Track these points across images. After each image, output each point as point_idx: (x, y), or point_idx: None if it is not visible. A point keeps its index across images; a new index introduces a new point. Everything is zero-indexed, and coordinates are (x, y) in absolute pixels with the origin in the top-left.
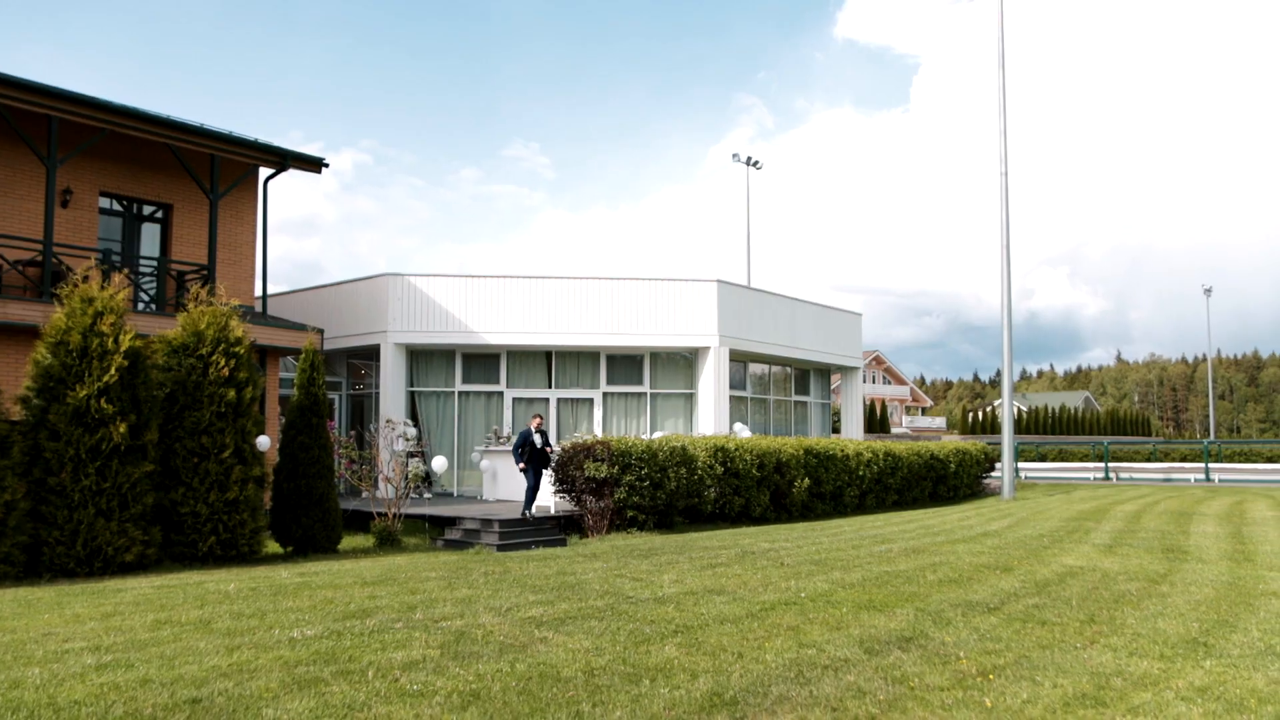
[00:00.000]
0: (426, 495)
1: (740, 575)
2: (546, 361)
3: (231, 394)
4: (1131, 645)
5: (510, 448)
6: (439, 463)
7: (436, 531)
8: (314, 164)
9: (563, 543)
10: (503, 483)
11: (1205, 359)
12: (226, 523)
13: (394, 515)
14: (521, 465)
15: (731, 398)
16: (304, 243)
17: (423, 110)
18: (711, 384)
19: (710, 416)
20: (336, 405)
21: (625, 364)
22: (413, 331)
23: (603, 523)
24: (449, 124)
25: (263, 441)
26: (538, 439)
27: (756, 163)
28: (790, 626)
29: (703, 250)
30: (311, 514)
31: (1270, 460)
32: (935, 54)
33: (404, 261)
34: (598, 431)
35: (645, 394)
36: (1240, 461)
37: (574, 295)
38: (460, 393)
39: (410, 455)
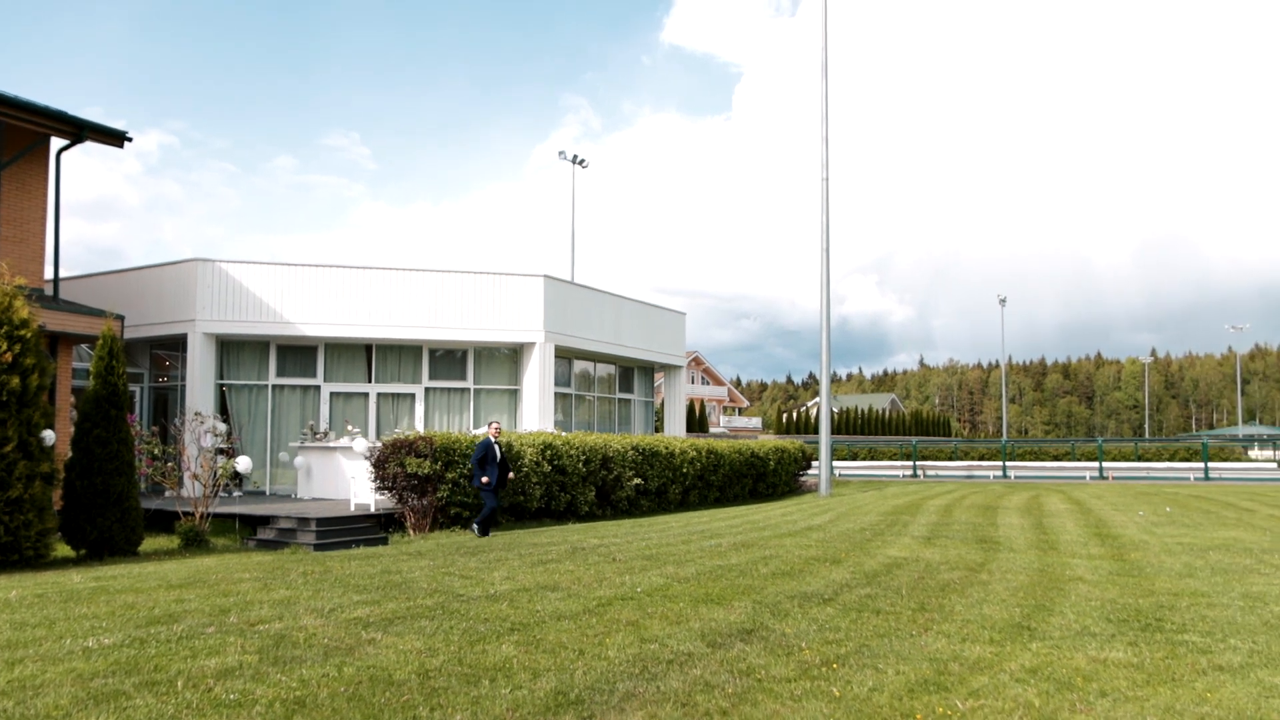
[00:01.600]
0: (237, 494)
1: (573, 571)
2: (366, 355)
3: (15, 382)
4: (963, 631)
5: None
6: (243, 463)
7: (248, 531)
8: (115, 137)
9: (384, 541)
10: (318, 481)
11: (999, 365)
12: (8, 524)
13: (202, 515)
14: (484, 480)
15: (556, 394)
16: (102, 226)
17: (235, 93)
18: (536, 380)
19: (535, 413)
20: (138, 398)
21: (448, 359)
22: (223, 321)
23: (425, 521)
24: (264, 109)
25: (48, 436)
26: (498, 450)
27: (583, 161)
28: (630, 622)
29: (527, 248)
30: (109, 514)
31: (1057, 458)
32: (757, 64)
33: (212, 250)
34: (419, 428)
35: (469, 390)
36: (1031, 460)
37: (396, 287)
38: (274, 386)
39: (219, 451)
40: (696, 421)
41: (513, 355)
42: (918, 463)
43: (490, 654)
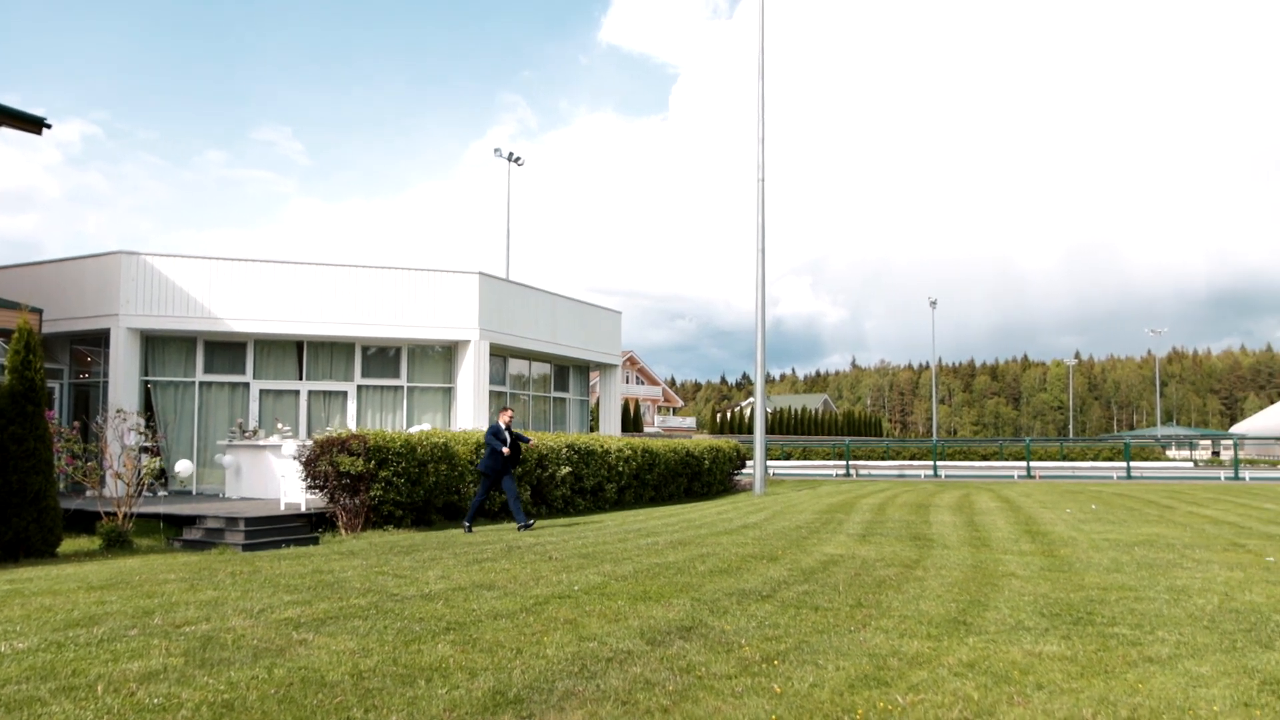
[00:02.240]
0: (162, 493)
1: (509, 570)
2: (298, 352)
3: None
4: (901, 627)
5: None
6: (184, 466)
7: (174, 532)
8: (33, 123)
9: (315, 541)
10: (247, 480)
11: (929, 366)
12: None
13: (125, 515)
14: (506, 450)
15: (491, 393)
16: (19, 218)
17: (163, 84)
18: (471, 378)
19: (470, 411)
20: (57, 395)
21: (382, 357)
22: (149, 316)
23: (357, 520)
24: (192, 101)
25: None
26: (508, 436)
27: (518, 159)
28: (568, 620)
29: (463, 246)
30: (25, 514)
31: (985, 458)
32: (694, 65)
33: (139, 244)
34: (352, 426)
35: (402, 387)
36: (961, 459)
37: (328, 283)
38: (202, 383)
39: (144, 450)
40: (631, 421)
41: (447, 353)
42: (850, 462)
43: (426, 654)
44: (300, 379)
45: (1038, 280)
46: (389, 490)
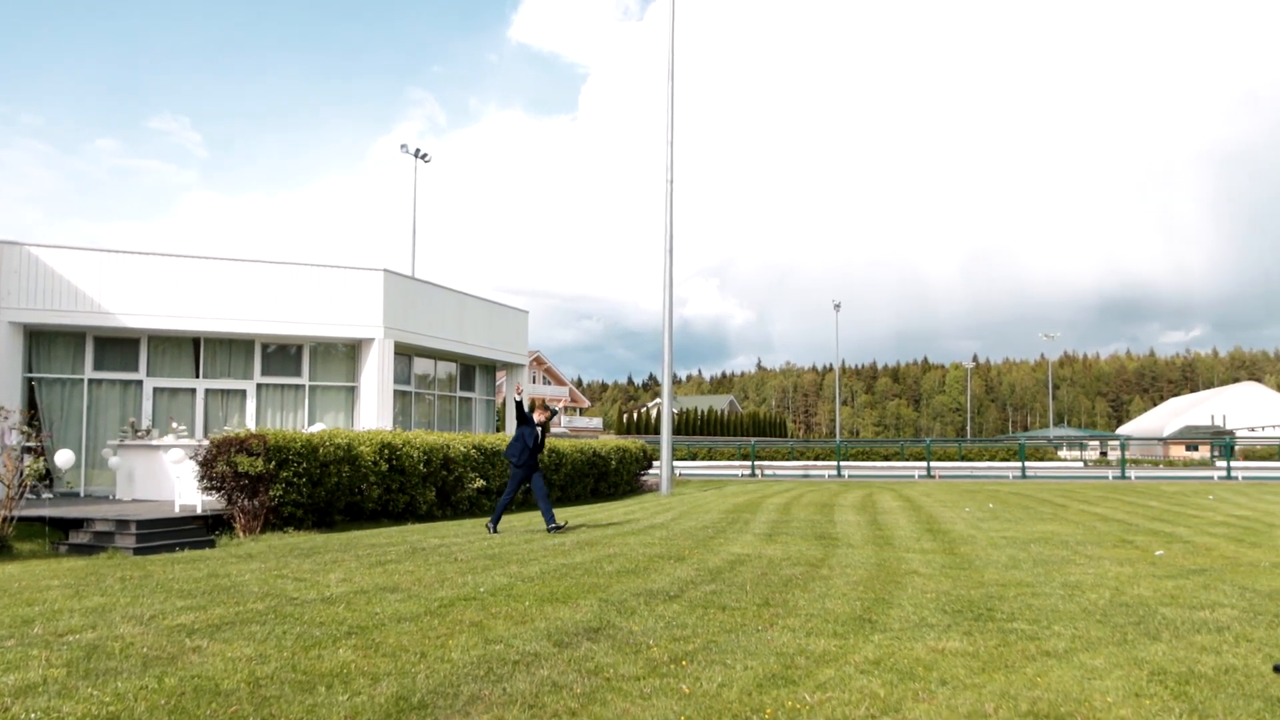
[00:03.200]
0: (47, 495)
1: (414, 572)
2: (194, 349)
3: None
4: (807, 625)
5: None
6: (64, 457)
7: (59, 535)
8: None
9: (212, 544)
10: (140, 481)
11: (833, 368)
12: None
13: (5, 518)
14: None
15: (396, 392)
16: None
17: (50, 67)
18: (375, 377)
19: (373, 411)
20: None
21: (283, 354)
22: (33, 310)
23: (256, 522)
24: (81, 86)
25: None
26: (538, 432)
27: (425, 155)
28: (473, 622)
29: (368, 243)
30: None
31: (887, 458)
32: (604, 66)
33: (23, 235)
34: (251, 425)
35: (304, 386)
36: (864, 460)
37: (227, 278)
38: (91, 380)
39: (27, 450)
40: None
41: (350, 351)
42: (756, 462)
43: (326, 659)
44: (197, 377)
45: (938, 285)
46: (290, 491)
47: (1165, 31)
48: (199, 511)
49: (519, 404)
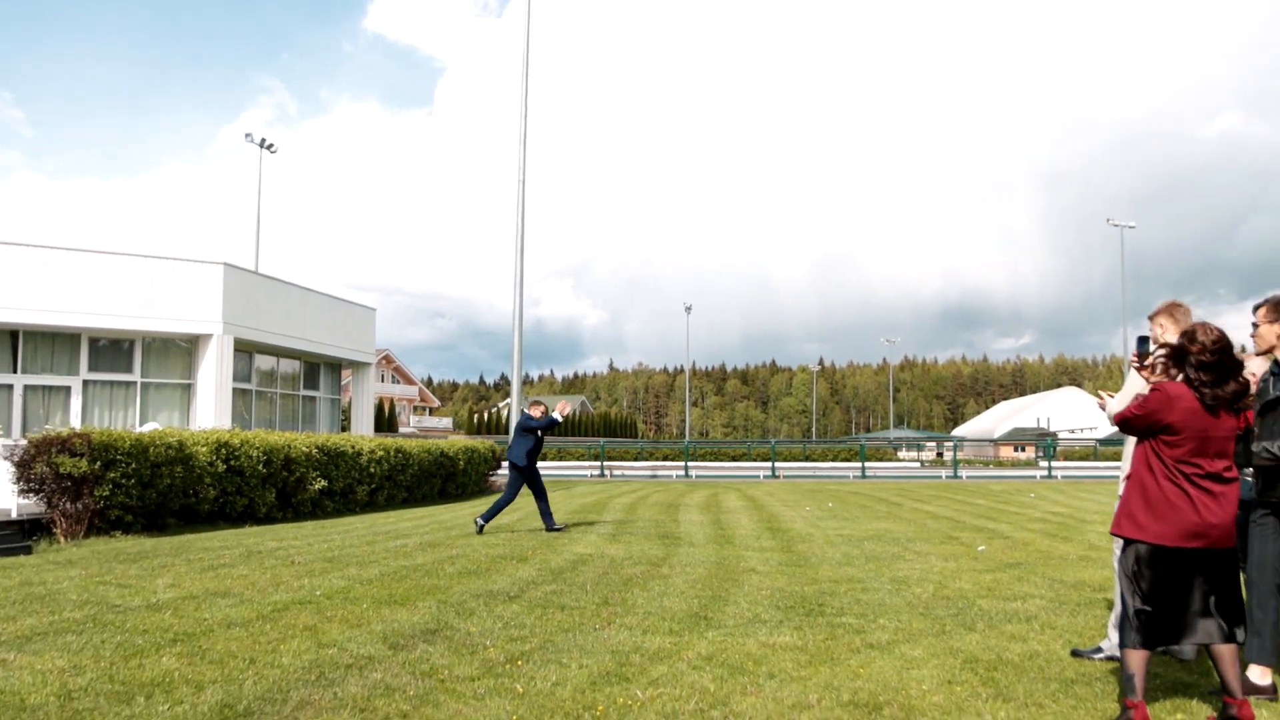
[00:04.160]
0: None
1: (247, 576)
2: (11, 342)
3: None
4: (644, 623)
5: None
6: None
7: None
8: None
9: (29, 550)
10: None
11: (684, 370)
12: None
13: None
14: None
15: (236, 390)
16: None
17: None
18: (213, 375)
19: (211, 410)
20: None
21: (113, 350)
22: None
23: (79, 526)
24: None
25: None
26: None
27: (270, 145)
28: (307, 626)
29: (210, 235)
30: None
31: (735, 459)
32: (460, 60)
33: None
34: (75, 424)
35: (136, 383)
36: (712, 460)
37: (51, 267)
38: None
39: None
40: (386, 421)
41: (187, 348)
42: (605, 463)
43: (148, 668)
44: (14, 372)
45: (787, 290)
46: (117, 493)
47: (1006, 55)
48: (14, 516)
49: (528, 416)
